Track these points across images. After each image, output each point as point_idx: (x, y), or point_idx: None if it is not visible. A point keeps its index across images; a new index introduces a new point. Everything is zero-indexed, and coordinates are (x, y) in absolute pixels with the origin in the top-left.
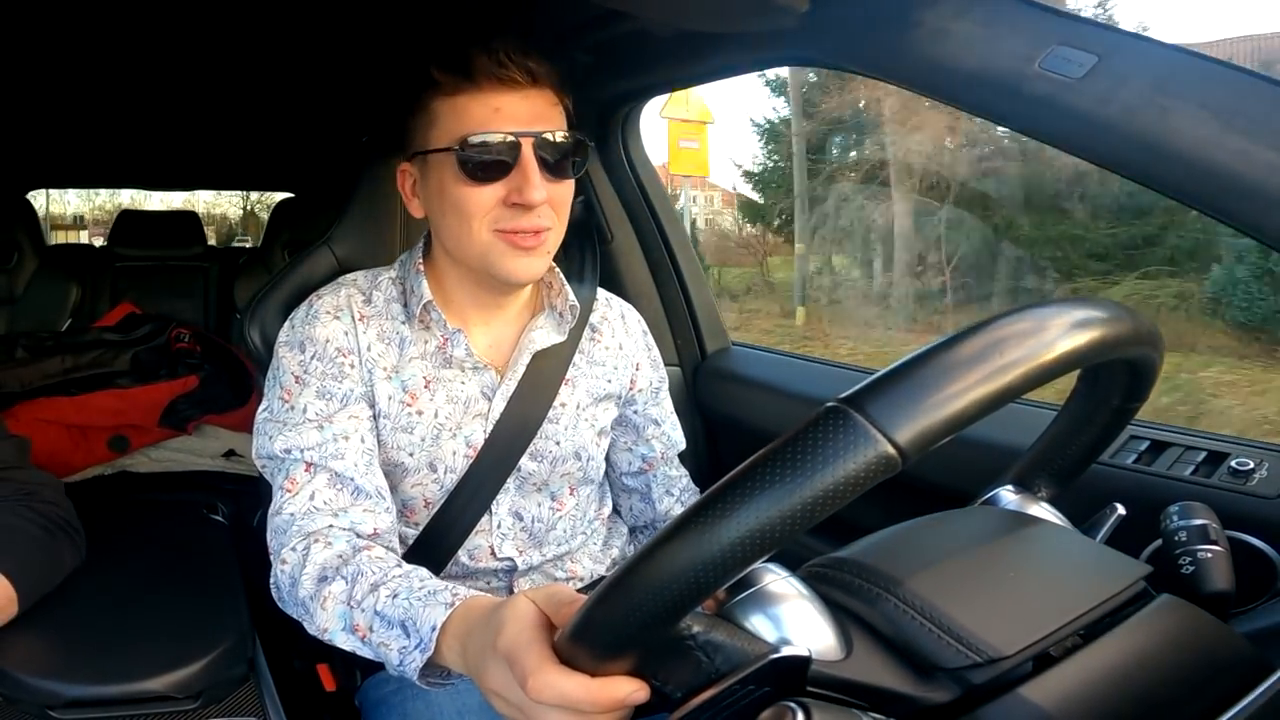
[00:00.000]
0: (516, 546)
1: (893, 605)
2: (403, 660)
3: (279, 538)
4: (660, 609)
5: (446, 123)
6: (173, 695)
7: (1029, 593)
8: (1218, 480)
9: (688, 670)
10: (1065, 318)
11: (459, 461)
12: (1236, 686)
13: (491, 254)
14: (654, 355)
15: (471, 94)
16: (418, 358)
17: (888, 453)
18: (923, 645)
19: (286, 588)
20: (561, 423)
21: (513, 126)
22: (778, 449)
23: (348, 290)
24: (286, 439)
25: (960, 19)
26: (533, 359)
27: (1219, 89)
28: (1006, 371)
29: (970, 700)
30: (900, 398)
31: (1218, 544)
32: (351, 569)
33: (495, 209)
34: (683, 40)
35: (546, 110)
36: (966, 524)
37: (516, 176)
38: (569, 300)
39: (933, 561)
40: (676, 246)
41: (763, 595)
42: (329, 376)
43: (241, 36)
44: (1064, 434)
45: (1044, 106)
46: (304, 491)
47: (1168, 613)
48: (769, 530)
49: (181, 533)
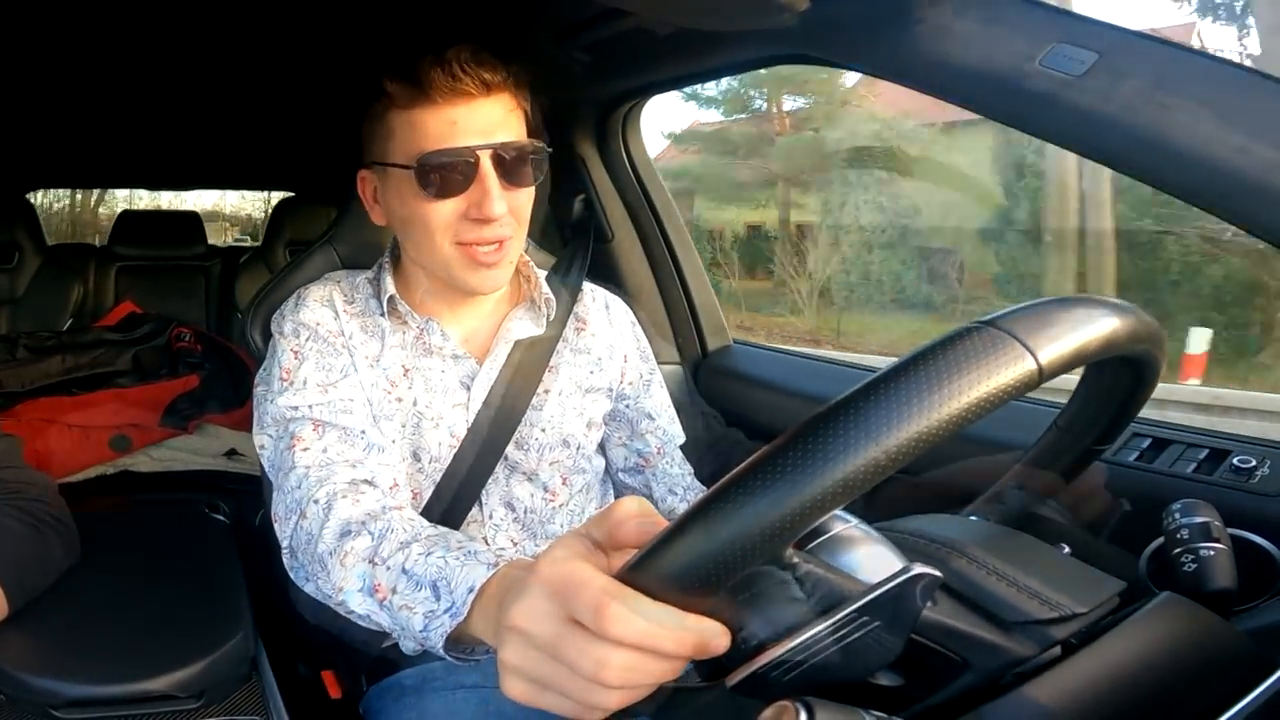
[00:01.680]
0: (510, 537)
1: (966, 562)
2: (427, 626)
3: (294, 494)
4: (777, 526)
5: (403, 136)
6: (175, 695)
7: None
8: (1219, 478)
9: (776, 610)
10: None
11: (443, 451)
12: (1239, 684)
13: (454, 267)
14: (643, 347)
15: (426, 108)
16: (397, 347)
17: (1030, 368)
18: (1003, 600)
19: (303, 545)
20: (546, 410)
21: (470, 140)
22: (918, 357)
23: (331, 286)
24: (289, 398)
25: (961, 17)
26: (514, 348)
27: (1220, 86)
28: (1110, 325)
29: (971, 699)
30: (1039, 322)
31: (1220, 542)
32: (380, 525)
33: (456, 222)
34: (683, 38)
35: (503, 118)
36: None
37: (475, 191)
38: (545, 294)
39: (979, 539)
40: (677, 245)
41: (838, 540)
42: (325, 353)
43: (241, 35)
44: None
45: (1044, 104)
46: (315, 446)
47: (1170, 611)
48: (918, 437)
49: (183, 532)
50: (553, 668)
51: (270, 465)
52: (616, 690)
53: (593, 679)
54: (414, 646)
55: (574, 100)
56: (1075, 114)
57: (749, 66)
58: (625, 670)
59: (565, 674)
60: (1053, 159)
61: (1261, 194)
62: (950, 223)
